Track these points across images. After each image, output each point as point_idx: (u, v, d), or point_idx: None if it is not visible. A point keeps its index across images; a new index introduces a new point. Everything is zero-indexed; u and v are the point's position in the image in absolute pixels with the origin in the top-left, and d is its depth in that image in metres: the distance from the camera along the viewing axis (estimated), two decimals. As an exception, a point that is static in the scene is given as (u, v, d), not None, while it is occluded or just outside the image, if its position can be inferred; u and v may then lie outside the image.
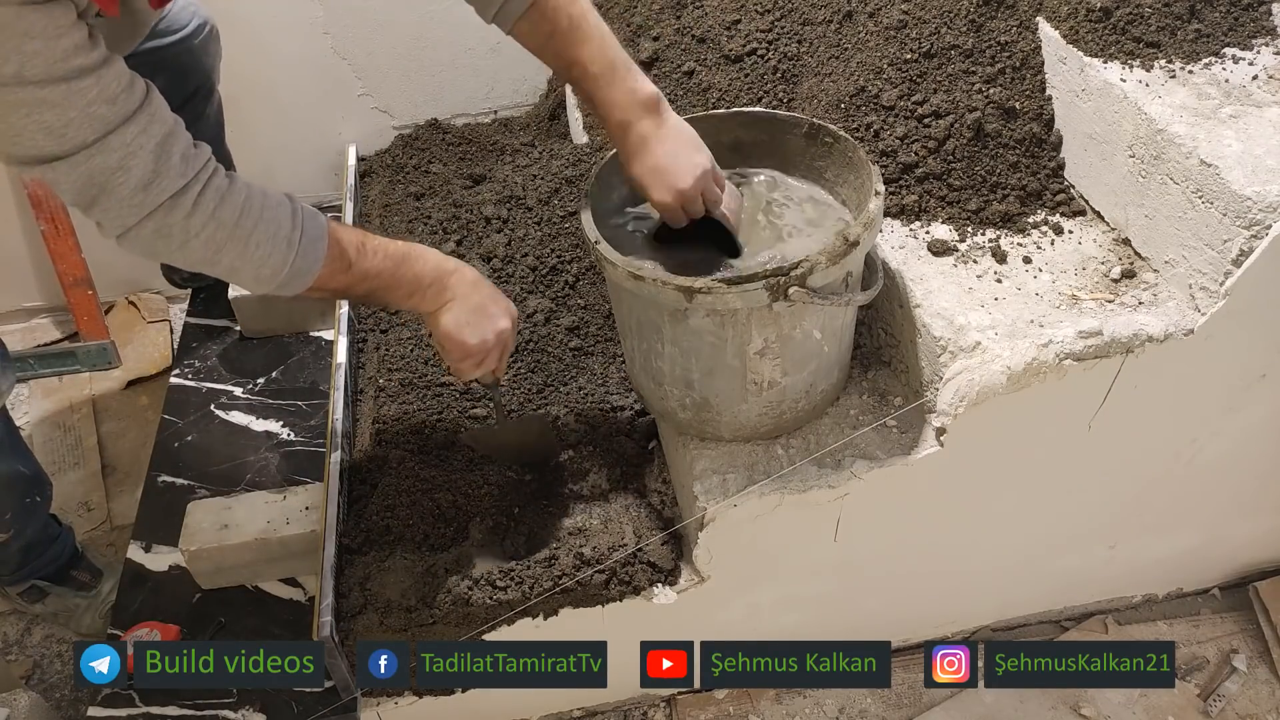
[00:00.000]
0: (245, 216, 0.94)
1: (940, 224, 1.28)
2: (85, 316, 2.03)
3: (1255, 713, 1.46)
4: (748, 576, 1.29)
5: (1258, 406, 1.27)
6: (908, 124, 1.29)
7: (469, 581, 1.21)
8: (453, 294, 1.11)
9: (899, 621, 1.51)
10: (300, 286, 1.01)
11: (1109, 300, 1.16)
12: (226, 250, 0.94)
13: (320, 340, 1.82)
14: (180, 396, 1.75)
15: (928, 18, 1.33)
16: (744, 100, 1.48)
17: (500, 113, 2.15)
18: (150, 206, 0.88)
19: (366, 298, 1.11)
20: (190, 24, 1.51)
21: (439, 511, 1.28)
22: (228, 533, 1.40)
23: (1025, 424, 1.18)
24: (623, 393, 1.42)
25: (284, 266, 0.97)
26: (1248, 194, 1.02)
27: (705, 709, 1.47)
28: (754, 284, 0.99)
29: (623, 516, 1.29)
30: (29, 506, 1.45)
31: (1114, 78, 1.19)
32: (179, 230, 0.90)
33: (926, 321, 1.15)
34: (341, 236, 1.03)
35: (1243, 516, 1.49)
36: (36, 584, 1.56)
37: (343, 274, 1.03)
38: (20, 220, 2.01)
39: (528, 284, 1.56)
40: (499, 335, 1.14)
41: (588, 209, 1.13)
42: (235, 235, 0.93)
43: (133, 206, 0.88)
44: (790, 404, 1.16)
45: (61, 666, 1.60)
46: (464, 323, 1.11)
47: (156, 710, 1.31)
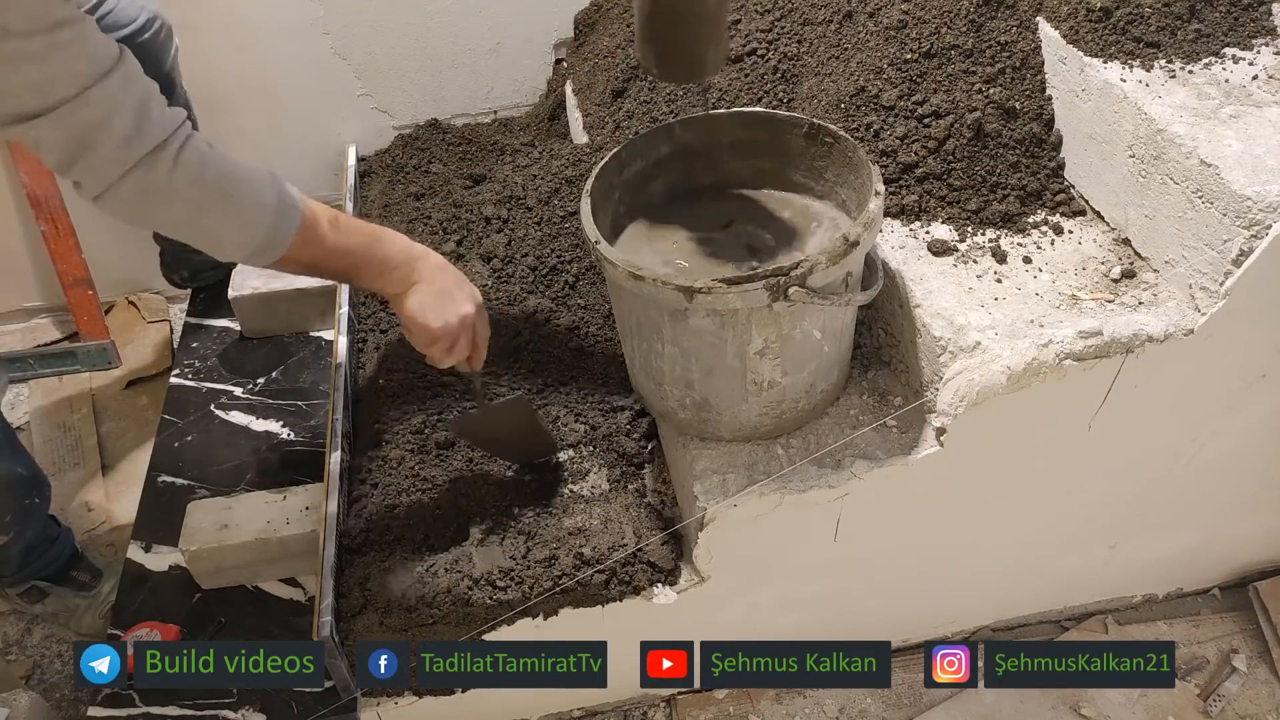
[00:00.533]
0: (227, 179, 0.94)
1: (940, 224, 1.28)
2: (85, 316, 2.03)
3: (1255, 713, 1.46)
4: (748, 576, 1.29)
5: (1258, 406, 1.27)
6: (908, 124, 1.29)
7: (469, 581, 1.21)
8: (418, 277, 1.11)
9: (899, 621, 1.51)
10: (276, 254, 1.00)
11: (1109, 300, 1.16)
12: (209, 212, 0.94)
13: (320, 340, 1.82)
14: (180, 396, 1.75)
15: (928, 18, 1.33)
16: (744, 100, 1.48)
17: (500, 113, 2.15)
18: (131, 161, 0.88)
19: (337, 275, 1.11)
20: (138, 19, 1.48)
21: (439, 511, 1.28)
22: (228, 533, 1.40)
23: (1025, 424, 1.18)
24: (623, 393, 1.42)
25: (262, 231, 0.97)
26: (1248, 194, 1.02)
27: (705, 709, 1.47)
28: (754, 284, 0.99)
29: (623, 516, 1.29)
30: (28, 508, 1.45)
31: (1114, 78, 1.19)
32: (162, 188, 0.90)
33: (926, 321, 1.15)
34: (316, 210, 1.04)
35: (1243, 516, 1.49)
36: (36, 584, 1.56)
37: (316, 245, 1.03)
38: (20, 220, 2.01)
39: (528, 284, 1.56)
40: (462, 320, 1.13)
41: (588, 209, 1.13)
42: (218, 197, 0.93)
43: (115, 162, 0.87)
44: (790, 404, 1.16)
45: (61, 666, 1.60)
46: (428, 305, 1.11)
47: (156, 710, 1.31)
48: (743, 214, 1.24)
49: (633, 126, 1.61)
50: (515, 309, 1.53)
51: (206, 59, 1.79)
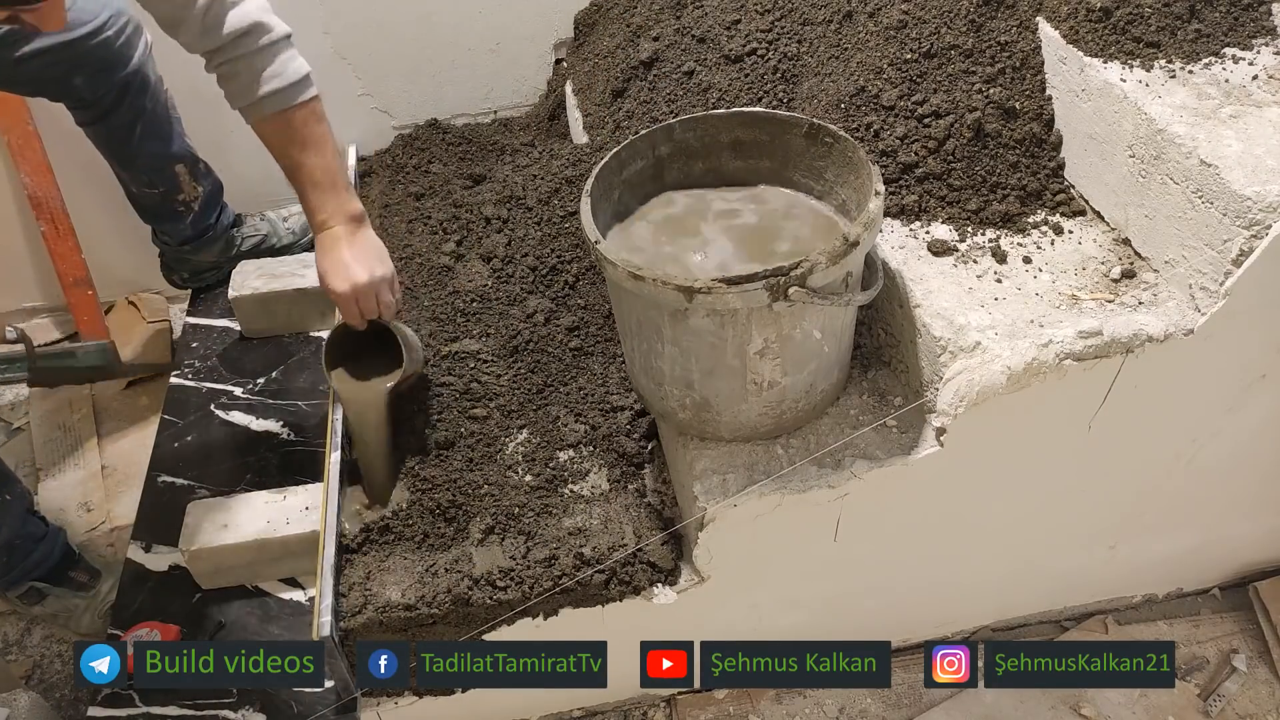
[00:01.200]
0: None
1: (940, 224, 1.28)
2: (85, 316, 2.03)
3: (1255, 713, 1.46)
4: (748, 576, 1.29)
5: (1258, 406, 1.27)
6: (908, 124, 1.29)
7: (469, 581, 1.21)
8: (351, 215, 1.28)
9: (899, 621, 1.51)
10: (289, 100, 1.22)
11: (1109, 300, 1.16)
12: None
13: (320, 340, 1.82)
14: (180, 396, 1.75)
15: (928, 18, 1.33)
16: (744, 100, 1.48)
17: (500, 113, 2.15)
18: None
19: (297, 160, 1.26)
20: (97, 17, 1.49)
21: (439, 511, 1.28)
22: (228, 533, 1.40)
23: (1025, 424, 1.18)
24: (623, 393, 1.42)
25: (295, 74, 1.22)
26: (1248, 194, 1.02)
27: (705, 709, 1.48)
28: (754, 284, 0.99)
29: (623, 516, 1.29)
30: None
31: (1114, 78, 1.19)
32: None
33: (926, 321, 1.15)
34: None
35: (1243, 516, 1.49)
36: (35, 586, 1.56)
37: (316, 124, 1.25)
38: (20, 220, 2.01)
39: (528, 284, 1.56)
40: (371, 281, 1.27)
41: (588, 209, 1.13)
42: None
43: None
44: (790, 404, 1.16)
45: (61, 666, 1.60)
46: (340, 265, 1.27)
47: (156, 710, 1.31)
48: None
49: (633, 126, 1.61)
50: (515, 309, 1.53)
51: (206, 59, 1.79)
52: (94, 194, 1.97)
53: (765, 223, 1.22)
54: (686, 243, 1.20)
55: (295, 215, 2.02)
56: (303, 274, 1.81)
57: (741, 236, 1.20)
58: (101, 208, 1.98)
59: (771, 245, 1.18)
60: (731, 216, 1.23)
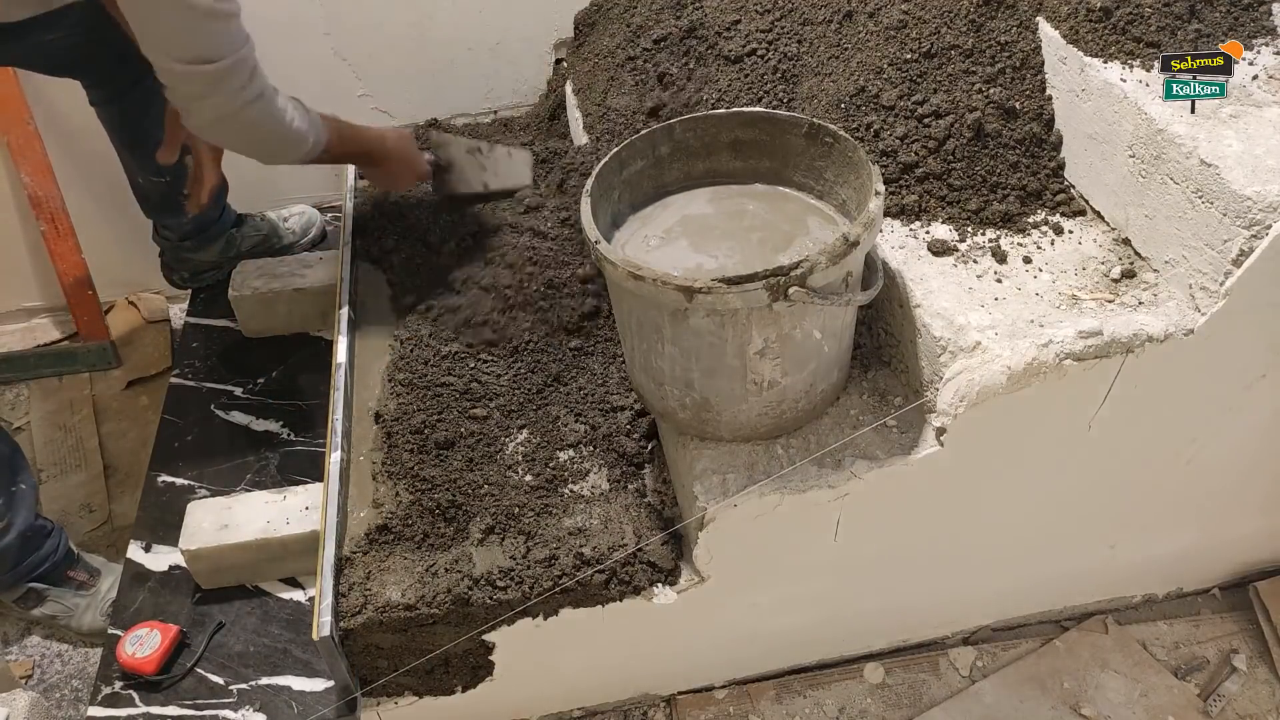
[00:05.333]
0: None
1: (940, 224, 1.28)
2: (85, 316, 2.04)
3: (1255, 713, 1.46)
4: (748, 576, 1.29)
5: (1258, 406, 1.27)
6: (908, 124, 1.29)
7: (469, 581, 1.21)
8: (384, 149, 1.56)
9: (899, 621, 1.51)
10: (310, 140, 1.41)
11: (1109, 300, 1.16)
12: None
13: (320, 340, 1.82)
14: (180, 396, 1.75)
15: (928, 18, 1.33)
16: (744, 100, 1.48)
17: (500, 113, 2.15)
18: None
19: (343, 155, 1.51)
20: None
21: (439, 511, 1.28)
22: (228, 533, 1.40)
23: (1025, 424, 1.18)
24: (623, 393, 1.42)
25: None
26: (1248, 194, 1.02)
27: (705, 709, 1.48)
28: (754, 284, 0.99)
29: (623, 516, 1.29)
30: (14, 495, 1.46)
31: (1114, 78, 1.19)
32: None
33: (926, 321, 1.15)
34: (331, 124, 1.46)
35: (1243, 516, 1.49)
36: (34, 587, 1.56)
37: (330, 130, 1.44)
38: (20, 220, 2.01)
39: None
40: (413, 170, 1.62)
41: (588, 209, 1.13)
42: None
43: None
44: (790, 404, 1.16)
45: (61, 666, 1.60)
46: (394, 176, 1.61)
47: (156, 710, 1.31)
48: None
49: (633, 126, 1.61)
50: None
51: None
52: (94, 194, 1.97)
53: (765, 222, 1.22)
54: (686, 242, 1.20)
55: (295, 215, 2.02)
56: (303, 274, 1.81)
57: (742, 236, 1.20)
58: (101, 208, 1.98)
59: (772, 245, 1.18)
60: (731, 217, 1.23)
